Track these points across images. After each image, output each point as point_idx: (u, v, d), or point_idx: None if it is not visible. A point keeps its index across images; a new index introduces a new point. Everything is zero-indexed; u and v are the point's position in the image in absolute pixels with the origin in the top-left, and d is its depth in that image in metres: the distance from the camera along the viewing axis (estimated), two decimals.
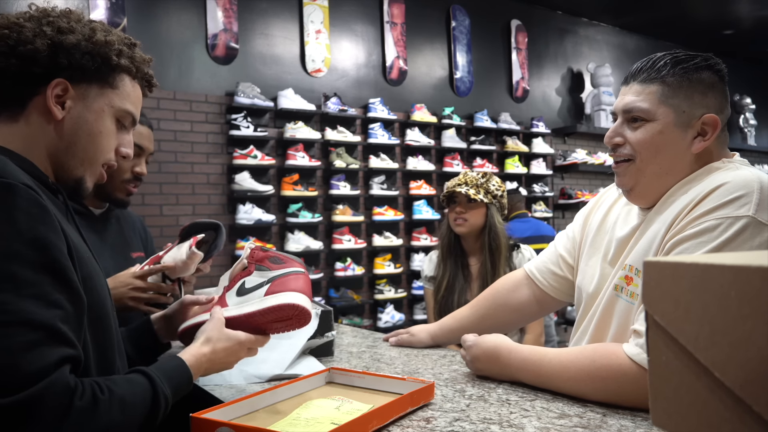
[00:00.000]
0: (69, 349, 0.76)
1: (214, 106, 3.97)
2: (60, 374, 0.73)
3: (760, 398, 0.40)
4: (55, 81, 0.91)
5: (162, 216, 3.73)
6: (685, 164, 1.11)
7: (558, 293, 1.44)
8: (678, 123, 1.09)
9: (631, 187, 1.16)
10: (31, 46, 0.89)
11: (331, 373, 1.20)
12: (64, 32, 0.92)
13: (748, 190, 0.97)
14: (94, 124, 0.96)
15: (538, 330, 2.24)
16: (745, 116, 7.83)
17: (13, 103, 0.92)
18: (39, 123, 0.92)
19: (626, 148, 1.14)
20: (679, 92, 1.09)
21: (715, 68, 1.11)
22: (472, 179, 2.23)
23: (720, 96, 1.11)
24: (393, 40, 4.85)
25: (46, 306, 0.75)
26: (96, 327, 0.89)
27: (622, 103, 1.14)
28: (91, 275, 0.89)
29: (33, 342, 0.73)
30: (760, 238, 0.93)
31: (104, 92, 0.97)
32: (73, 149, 0.95)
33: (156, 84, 1.10)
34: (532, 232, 3.51)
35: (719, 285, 0.43)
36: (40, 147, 0.93)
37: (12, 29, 0.90)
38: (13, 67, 0.89)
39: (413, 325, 1.70)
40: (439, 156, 4.99)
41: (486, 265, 2.17)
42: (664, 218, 1.08)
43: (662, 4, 6.02)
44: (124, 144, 1.03)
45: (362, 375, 1.16)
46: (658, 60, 1.12)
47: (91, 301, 0.87)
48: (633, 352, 1.00)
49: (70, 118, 0.94)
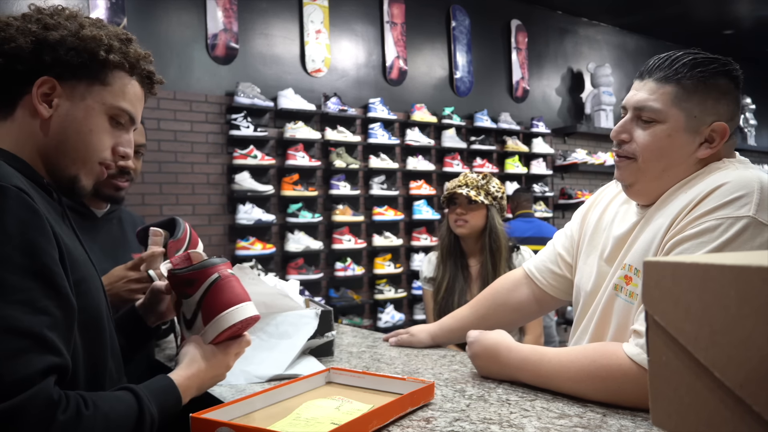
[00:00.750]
0: (55, 357, 0.74)
1: (214, 106, 3.97)
2: (44, 385, 0.72)
3: (760, 398, 0.40)
4: (41, 79, 0.90)
5: (162, 216, 3.73)
6: (687, 167, 1.11)
7: (557, 292, 1.44)
8: (687, 128, 1.08)
9: (630, 183, 1.16)
10: (14, 44, 0.88)
11: (330, 373, 1.20)
12: (49, 28, 0.90)
13: (748, 191, 0.97)
14: (83, 122, 0.93)
15: (537, 330, 2.24)
16: (745, 116, 7.83)
17: (3, 102, 0.91)
18: (28, 122, 0.91)
19: (631, 146, 1.13)
20: (693, 96, 1.07)
21: (732, 74, 1.09)
22: (473, 181, 2.23)
23: (732, 104, 1.10)
24: (393, 40, 4.85)
25: (33, 312, 0.74)
26: (89, 330, 0.88)
27: (635, 98, 1.12)
28: (85, 278, 0.88)
29: (18, 350, 0.71)
30: (760, 238, 0.93)
31: (94, 89, 0.94)
32: (63, 148, 0.93)
33: (159, 80, 1.06)
34: (534, 232, 3.51)
35: (719, 285, 0.43)
36: (30, 146, 0.91)
37: (0, 29, 0.89)
38: (1, 66, 0.88)
39: (413, 325, 1.70)
40: (439, 156, 4.99)
41: (487, 266, 2.18)
42: (663, 218, 1.08)
43: (662, 4, 6.02)
44: (121, 143, 0.99)
45: (362, 375, 1.16)
46: (677, 60, 1.09)
47: (85, 305, 0.86)
48: (633, 352, 1.00)
49: (57, 116, 0.92)
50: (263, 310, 1.42)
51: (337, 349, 1.58)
